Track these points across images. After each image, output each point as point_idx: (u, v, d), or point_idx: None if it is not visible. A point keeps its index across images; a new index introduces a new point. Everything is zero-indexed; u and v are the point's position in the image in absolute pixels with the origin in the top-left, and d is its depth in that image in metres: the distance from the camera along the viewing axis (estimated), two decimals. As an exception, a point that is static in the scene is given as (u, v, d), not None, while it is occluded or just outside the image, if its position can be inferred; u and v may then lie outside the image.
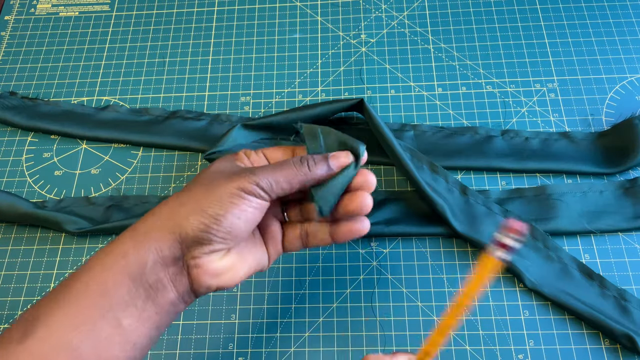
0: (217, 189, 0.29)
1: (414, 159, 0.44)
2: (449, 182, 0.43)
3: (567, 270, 0.40)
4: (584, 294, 0.39)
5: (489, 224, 0.41)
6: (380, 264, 0.42)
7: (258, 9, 0.56)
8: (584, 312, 0.38)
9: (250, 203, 0.29)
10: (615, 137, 0.45)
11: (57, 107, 0.51)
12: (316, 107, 0.44)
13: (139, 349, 0.28)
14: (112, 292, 0.27)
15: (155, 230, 0.28)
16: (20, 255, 0.45)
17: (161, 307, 0.28)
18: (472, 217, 0.42)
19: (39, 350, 0.25)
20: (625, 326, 0.37)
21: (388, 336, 0.39)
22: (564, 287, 0.39)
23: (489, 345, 0.38)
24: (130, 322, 0.27)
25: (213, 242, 0.28)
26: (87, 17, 0.58)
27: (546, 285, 0.39)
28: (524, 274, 0.39)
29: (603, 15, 0.52)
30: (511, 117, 0.47)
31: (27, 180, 0.48)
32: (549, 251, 0.40)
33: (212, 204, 0.28)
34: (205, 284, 0.29)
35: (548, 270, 0.40)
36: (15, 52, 0.56)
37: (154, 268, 0.28)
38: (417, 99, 0.49)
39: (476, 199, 0.43)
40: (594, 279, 0.39)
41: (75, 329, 0.26)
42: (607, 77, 0.49)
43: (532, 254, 0.40)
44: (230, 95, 0.51)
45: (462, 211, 0.42)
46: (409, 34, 0.53)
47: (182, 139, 0.48)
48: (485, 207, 0.42)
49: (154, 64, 0.54)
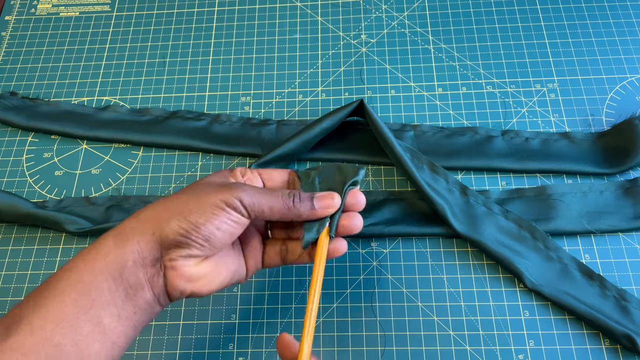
0: (202, 198, 0.30)
1: (414, 159, 0.44)
2: (449, 182, 0.43)
3: (568, 270, 0.40)
4: (584, 294, 0.39)
5: (489, 225, 0.41)
6: (380, 264, 0.42)
7: (258, 9, 0.56)
8: (584, 312, 0.38)
9: (230, 216, 0.30)
10: (615, 138, 0.45)
11: (58, 107, 0.51)
12: (322, 122, 0.44)
13: (117, 347, 0.28)
14: (93, 291, 0.27)
15: (138, 231, 0.29)
16: (20, 255, 0.45)
17: (139, 306, 0.29)
18: (473, 217, 0.42)
19: (21, 347, 0.25)
20: (625, 326, 0.37)
21: (388, 336, 0.39)
22: (564, 288, 0.39)
23: (489, 345, 0.38)
24: (110, 321, 0.28)
25: (191, 247, 0.29)
26: (87, 17, 0.58)
27: (546, 286, 0.39)
28: (524, 274, 0.39)
29: (603, 16, 0.52)
30: (511, 117, 0.47)
31: (28, 180, 0.48)
32: (549, 251, 0.40)
33: (194, 212, 0.29)
34: (179, 288, 0.30)
35: (548, 270, 0.40)
36: (15, 52, 0.56)
37: (133, 268, 0.28)
38: (417, 99, 0.49)
39: (476, 199, 0.43)
40: (594, 279, 0.39)
41: (57, 326, 0.26)
42: (608, 77, 0.49)
43: (533, 254, 0.40)
44: (230, 95, 0.51)
45: (463, 211, 0.42)
46: (409, 34, 0.53)
47: (182, 139, 0.48)
48: (485, 208, 0.42)
49: (154, 64, 0.54)
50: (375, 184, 0.45)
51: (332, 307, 0.40)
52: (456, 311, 0.40)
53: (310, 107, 0.50)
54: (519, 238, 0.41)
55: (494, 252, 0.40)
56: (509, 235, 0.41)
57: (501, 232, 0.41)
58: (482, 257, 0.41)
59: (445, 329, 0.39)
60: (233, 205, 0.30)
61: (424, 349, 0.38)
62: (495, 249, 0.40)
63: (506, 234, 0.41)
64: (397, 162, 0.42)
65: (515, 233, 0.41)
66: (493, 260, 0.41)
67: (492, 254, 0.40)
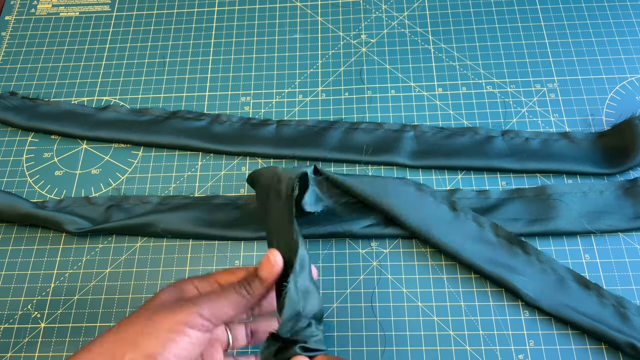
0: (157, 323, 0.28)
1: (399, 181, 0.43)
2: (437, 198, 0.43)
3: (564, 281, 0.39)
4: (583, 305, 0.38)
5: (481, 244, 0.41)
6: (380, 264, 0.42)
7: (258, 9, 0.56)
8: (586, 324, 0.37)
9: (190, 339, 0.28)
10: (615, 138, 0.45)
11: (58, 107, 0.51)
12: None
13: None
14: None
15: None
16: (20, 255, 0.45)
17: None
18: (464, 236, 0.41)
19: None
20: (626, 334, 0.37)
21: (388, 336, 0.39)
22: (562, 300, 0.38)
23: (489, 345, 0.38)
24: None
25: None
26: (87, 17, 0.58)
27: (545, 300, 0.38)
28: (521, 290, 0.39)
29: (603, 15, 0.52)
30: (511, 117, 0.47)
31: (28, 181, 0.48)
32: (542, 264, 0.40)
33: (149, 340, 0.27)
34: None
35: (545, 284, 0.39)
36: (15, 52, 0.56)
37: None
38: (417, 99, 0.49)
39: (466, 215, 0.42)
40: (591, 288, 0.39)
41: None
42: (608, 77, 0.49)
43: (527, 270, 0.40)
44: (230, 95, 0.51)
45: (454, 229, 0.41)
46: (409, 34, 0.53)
47: (182, 139, 0.48)
48: (475, 224, 0.41)
49: (154, 64, 0.54)
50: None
51: (332, 308, 0.40)
52: (456, 311, 0.40)
53: (310, 107, 0.50)
54: (510, 254, 0.40)
55: (488, 273, 0.39)
56: (501, 252, 0.40)
57: (494, 249, 0.40)
58: (482, 257, 0.41)
59: (445, 329, 0.39)
60: (193, 324, 0.28)
61: (424, 349, 0.38)
62: (489, 269, 0.39)
63: (499, 251, 0.40)
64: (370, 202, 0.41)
65: (507, 249, 0.41)
66: (489, 279, 0.40)
67: (486, 274, 0.40)
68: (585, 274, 0.40)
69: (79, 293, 0.43)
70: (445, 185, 0.44)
